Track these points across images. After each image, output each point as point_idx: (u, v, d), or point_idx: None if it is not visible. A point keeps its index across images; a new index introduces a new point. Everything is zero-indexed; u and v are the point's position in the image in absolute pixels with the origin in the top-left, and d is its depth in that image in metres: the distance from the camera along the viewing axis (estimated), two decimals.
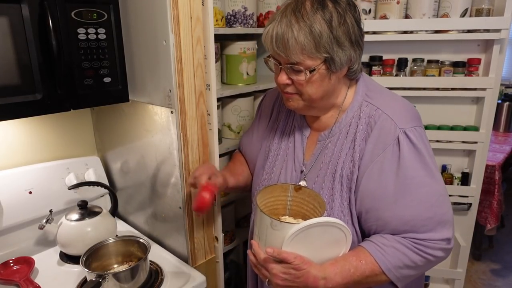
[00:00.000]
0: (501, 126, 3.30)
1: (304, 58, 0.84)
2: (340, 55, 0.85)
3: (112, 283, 0.99)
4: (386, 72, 1.78)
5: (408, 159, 0.84)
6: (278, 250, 0.83)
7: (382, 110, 0.89)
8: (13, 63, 0.92)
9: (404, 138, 0.85)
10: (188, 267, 1.19)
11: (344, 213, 0.91)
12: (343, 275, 0.84)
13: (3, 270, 1.12)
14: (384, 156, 0.86)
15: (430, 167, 0.85)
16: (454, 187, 1.83)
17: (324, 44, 0.83)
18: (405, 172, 0.84)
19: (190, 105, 1.11)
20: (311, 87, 0.88)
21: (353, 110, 0.93)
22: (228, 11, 1.42)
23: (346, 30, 0.85)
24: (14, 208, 1.20)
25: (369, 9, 1.70)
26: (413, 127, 0.87)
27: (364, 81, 0.97)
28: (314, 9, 0.83)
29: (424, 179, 0.85)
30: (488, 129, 1.72)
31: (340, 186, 0.92)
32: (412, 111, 0.92)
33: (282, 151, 1.06)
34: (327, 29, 0.82)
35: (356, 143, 0.90)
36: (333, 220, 0.82)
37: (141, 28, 1.12)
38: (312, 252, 0.84)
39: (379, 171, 0.86)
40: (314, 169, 0.97)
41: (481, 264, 2.72)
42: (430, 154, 0.87)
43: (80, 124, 1.47)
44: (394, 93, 0.98)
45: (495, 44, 1.60)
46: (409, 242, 0.84)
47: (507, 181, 3.33)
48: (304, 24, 0.82)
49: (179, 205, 1.19)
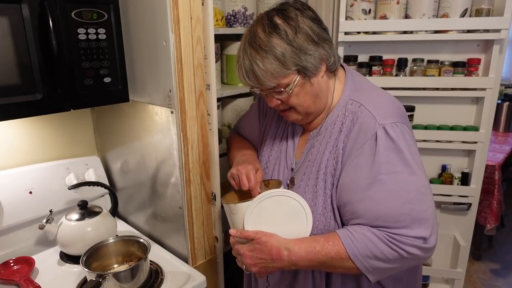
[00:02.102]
0: (501, 126, 3.31)
1: (278, 81, 0.88)
2: (310, 60, 0.87)
3: (112, 283, 0.99)
4: (386, 72, 1.78)
5: (384, 154, 0.84)
6: (241, 230, 0.91)
7: (365, 106, 0.90)
8: (13, 63, 0.92)
9: (383, 133, 0.85)
10: (188, 267, 1.19)
11: (327, 209, 0.92)
12: (308, 251, 0.86)
13: (3, 270, 1.12)
14: (362, 150, 0.87)
15: (409, 164, 0.84)
16: (454, 187, 1.83)
17: (291, 60, 0.86)
18: (380, 167, 0.84)
19: (190, 105, 1.11)
20: (299, 99, 0.91)
21: (339, 109, 0.95)
22: (228, 11, 1.42)
23: (305, 35, 0.86)
24: (14, 208, 1.20)
25: (369, 9, 1.70)
26: (394, 123, 0.86)
27: (352, 79, 0.98)
28: (268, 34, 0.86)
29: (401, 175, 0.84)
30: (488, 129, 1.72)
31: (323, 183, 0.93)
32: (396, 107, 0.92)
33: (275, 148, 1.09)
34: (286, 45, 0.85)
35: (340, 140, 0.92)
36: (281, 190, 0.89)
37: (141, 28, 1.12)
38: (275, 227, 0.89)
39: (355, 166, 0.87)
40: (302, 167, 1.00)
41: (481, 264, 2.73)
42: (411, 151, 0.86)
43: (80, 124, 1.47)
44: (381, 90, 0.98)
45: (495, 44, 1.60)
46: (382, 233, 0.83)
47: (507, 181, 3.33)
48: (264, 53, 0.85)
49: (179, 205, 1.19)
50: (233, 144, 1.25)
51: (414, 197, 0.84)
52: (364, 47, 1.81)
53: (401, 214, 0.83)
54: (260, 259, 0.89)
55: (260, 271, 0.92)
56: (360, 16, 1.71)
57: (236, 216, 0.92)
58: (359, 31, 1.72)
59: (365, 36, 1.73)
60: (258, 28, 0.88)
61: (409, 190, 0.84)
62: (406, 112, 0.95)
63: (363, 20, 1.71)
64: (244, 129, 1.27)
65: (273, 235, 0.89)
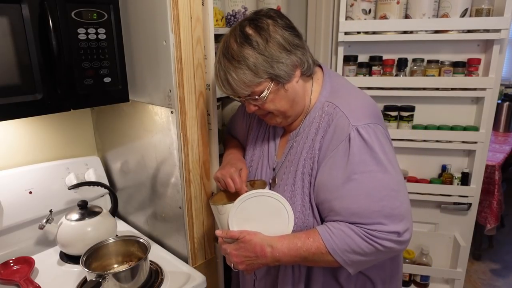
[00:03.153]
0: (501, 126, 3.31)
1: (252, 89, 0.91)
2: (283, 68, 0.89)
3: (112, 283, 0.99)
4: (386, 72, 1.78)
5: (358, 155, 0.87)
6: (226, 230, 0.95)
7: (339, 108, 0.93)
8: (13, 63, 0.92)
9: (356, 135, 0.88)
10: (188, 267, 1.19)
11: (305, 207, 0.96)
12: (290, 247, 0.90)
13: (3, 270, 1.12)
14: (337, 151, 0.90)
15: (382, 163, 0.88)
16: (454, 187, 1.83)
17: (262, 68, 0.88)
18: (353, 167, 0.88)
19: (190, 105, 1.11)
20: (275, 104, 0.94)
21: (316, 111, 0.97)
22: (228, 11, 1.42)
23: (276, 44, 0.89)
24: (14, 208, 1.20)
25: (369, 9, 1.70)
26: (366, 124, 0.89)
27: (330, 81, 1.00)
28: (239, 45, 0.88)
29: (374, 174, 0.87)
30: (488, 129, 1.72)
31: (301, 182, 0.97)
32: (371, 108, 0.95)
33: (258, 149, 1.13)
34: (258, 55, 0.88)
35: (316, 141, 0.95)
36: (263, 191, 0.93)
37: (141, 28, 1.12)
38: (259, 225, 0.93)
39: (331, 165, 0.91)
40: (283, 167, 1.03)
41: (481, 264, 2.73)
42: (384, 150, 0.89)
43: (80, 124, 1.47)
44: (358, 90, 1.01)
45: (495, 44, 1.60)
46: (359, 229, 0.87)
47: (507, 181, 3.33)
48: (236, 63, 0.89)
49: (179, 205, 1.19)
50: (225, 144, 1.31)
51: (387, 195, 0.87)
52: (364, 47, 1.81)
53: (374, 211, 0.86)
54: (246, 257, 0.93)
55: (247, 268, 0.95)
56: (360, 16, 1.71)
57: (223, 216, 0.95)
58: (359, 31, 1.72)
59: (365, 36, 1.73)
60: (231, 39, 0.91)
61: (381, 188, 0.87)
62: (381, 112, 0.98)
63: (363, 20, 1.71)
64: (233, 129, 1.30)
65: (257, 233, 0.93)
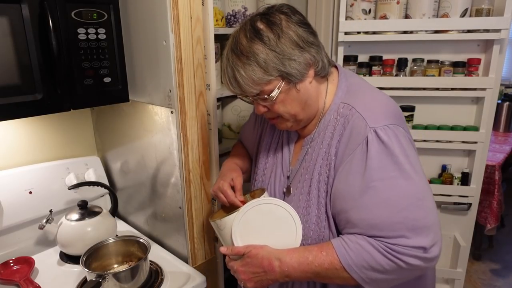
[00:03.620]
0: (501, 126, 3.31)
1: (261, 87, 0.85)
2: (294, 66, 0.84)
3: (112, 283, 0.99)
4: (386, 72, 1.78)
5: (377, 159, 0.79)
6: (231, 247, 0.88)
7: (355, 109, 0.86)
8: (13, 63, 0.92)
9: (374, 137, 0.80)
10: (188, 267, 1.19)
11: (321, 218, 0.88)
12: (300, 261, 0.83)
13: (3, 270, 1.12)
14: (354, 156, 0.83)
15: (404, 169, 0.79)
16: (454, 187, 1.83)
17: (272, 65, 0.82)
18: (372, 173, 0.79)
19: (190, 105, 1.11)
20: (285, 106, 0.88)
21: (331, 113, 0.91)
22: (228, 11, 1.42)
23: (289, 40, 0.83)
24: (14, 208, 1.20)
25: (369, 9, 1.70)
26: (386, 126, 0.81)
27: (345, 81, 0.93)
28: (249, 40, 0.83)
29: (395, 181, 0.79)
30: (488, 129, 1.72)
31: (317, 191, 0.89)
32: (390, 108, 0.87)
33: (271, 156, 1.06)
34: (269, 51, 0.82)
35: (332, 146, 0.88)
36: (264, 199, 0.86)
37: (141, 28, 1.12)
38: (264, 237, 0.87)
39: (347, 172, 0.83)
40: (298, 175, 0.96)
41: (481, 264, 2.72)
42: (406, 154, 0.80)
43: (80, 124, 1.47)
44: (376, 90, 0.93)
45: (495, 44, 1.60)
46: (378, 243, 0.79)
47: (507, 181, 3.33)
48: (245, 59, 0.83)
49: (179, 205, 1.19)
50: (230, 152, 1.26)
51: (410, 204, 0.78)
52: (364, 47, 1.81)
53: (396, 222, 0.78)
54: (254, 273, 0.87)
55: (256, 285, 0.89)
56: (360, 16, 1.71)
57: (224, 232, 0.89)
58: (359, 31, 1.72)
59: (365, 36, 1.72)
60: (241, 34, 0.85)
61: (403, 196, 0.79)
62: (402, 113, 0.91)
63: (363, 20, 1.71)
64: (243, 137, 1.24)
65: (264, 247, 0.86)
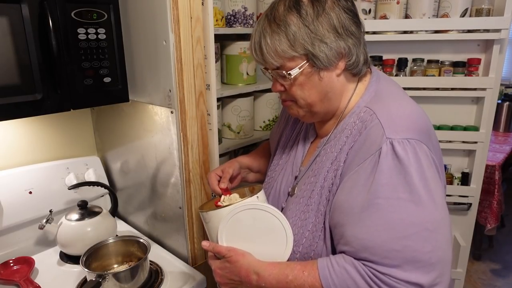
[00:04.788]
0: (501, 126, 3.30)
1: (283, 61, 0.78)
2: (324, 49, 0.76)
3: (112, 283, 0.99)
4: (386, 72, 1.77)
5: (387, 175, 0.70)
6: (214, 244, 0.83)
7: (376, 115, 0.77)
8: (13, 63, 0.92)
9: (389, 149, 0.71)
10: (188, 267, 1.19)
11: (317, 227, 0.81)
12: (279, 279, 0.77)
13: (3, 270, 1.12)
14: (363, 166, 0.74)
15: (417, 192, 0.69)
16: (454, 187, 1.83)
17: (300, 42, 0.76)
18: (378, 189, 0.71)
19: (190, 105, 1.11)
20: (302, 91, 0.81)
21: (352, 116, 0.83)
22: (228, 11, 1.42)
23: (327, 21, 0.76)
24: (14, 208, 1.20)
25: (369, 9, 1.70)
26: (406, 139, 0.71)
27: (376, 84, 0.85)
28: (287, 9, 0.77)
29: (403, 203, 0.69)
30: (488, 129, 1.72)
31: (318, 197, 0.82)
32: (417, 121, 0.77)
33: (286, 153, 1.01)
34: (301, 25, 0.76)
35: (343, 151, 0.80)
36: (259, 204, 0.79)
37: (141, 28, 1.12)
38: (251, 244, 0.80)
39: (352, 183, 0.75)
40: (305, 176, 0.90)
41: (481, 264, 2.72)
42: (424, 177, 0.70)
43: (80, 124, 1.47)
44: (407, 99, 0.84)
45: (495, 44, 1.60)
46: (366, 269, 0.71)
47: (507, 181, 3.33)
48: (275, 26, 0.77)
49: (179, 205, 1.19)
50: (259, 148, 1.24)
51: (415, 233, 0.69)
52: None
53: (393, 249, 0.69)
54: (229, 279, 0.82)
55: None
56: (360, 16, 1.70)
57: (209, 225, 0.84)
58: None
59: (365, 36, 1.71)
60: (281, 1, 0.79)
61: (409, 223, 0.69)
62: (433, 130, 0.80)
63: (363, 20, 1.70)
64: (270, 134, 1.19)
65: (246, 255, 0.80)
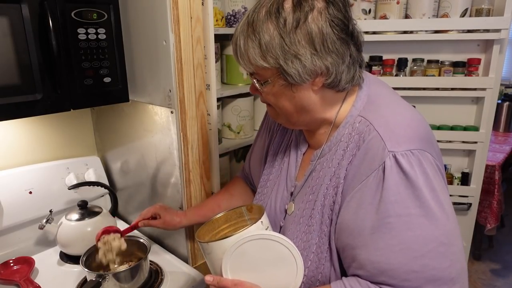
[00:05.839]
0: (501, 126, 3.30)
1: (256, 69, 0.74)
2: (297, 66, 0.70)
3: (112, 283, 0.99)
4: (386, 72, 1.78)
5: (394, 191, 0.66)
6: (218, 277, 0.75)
7: (374, 126, 0.72)
8: (13, 63, 0.92)
9: (393, 164, 0.67)
10: (188, 267, 1.19)
11: (322, 248, 0.77)
12: None
13: (3, 270, 1.12)
14: (366, 184, 0.70)
15: (428, 205, 0.66)
16: (454, 187, 1.83)
17: (273, 54, 0.70)
18: (388, 207, 0.67)
19: (190, 105, 1.11)
20: (276, 100, 0.77)
21: (346, 127, 0.77)
22: (228, 11, 1.42)
23: (306, 34, 0.69)
24: (14, 208, 1.20)
25: (369, 9, 1.70)
26: (409, 151, 0.67)
27: (368, 89, 0.79)
28: (266, 15, 0.71)
29: (416, 219, 0.66)
30: (488, 129, 1.72)
31: (320, 216, 0.77)
32: (417, 129, 0.73)
33: (277, 166, 0.93)
34: (277, 35, 0.69)
35: (342, 166, 0.75)
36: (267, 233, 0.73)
37: (141, 28, 1.12)
38: (259, 276, 0.74)
39: (358, 202, 0.71)
40: (302, 192, 0.84)
41: (481, 264, 2.72)
42: (432, 188, 0.67)
43: (80, 124, 1.47)
44: (403, 104, 0.79)
45: (495, 44, 1.60)
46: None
47: (507, 181, 3.32)
48: (251, 31, 0.72)
49: (179, 205, 1.19)
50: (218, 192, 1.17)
51: (432, 250, 0.65)
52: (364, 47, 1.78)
53: (412, 271, 0.65)
54: None
55: None
56: (360, 16, 1.71)
57: (211, 256, 0.76)
58: None
59: (365, 36, 1.69)
60: (267, 3, 0.73)
61: (424, 239, 0.66)
62: (432, 134, 0.76)
63: (363, 20, 1.71)
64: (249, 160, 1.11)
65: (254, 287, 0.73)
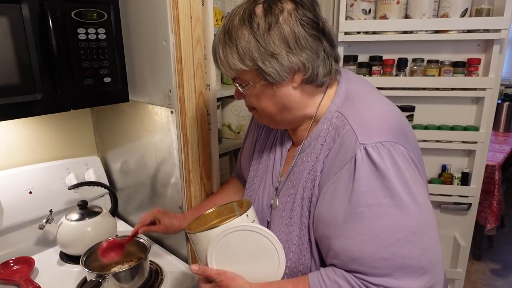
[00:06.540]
0: (501, 126, 3.31)
1: (236, 73, 0.78)
2: (274, 65, 0.74)
3: (112, 283, 0.99)
4: (386, 72, 1.78)
5: (365, 182, 0.69)
6: (203, 267, 0.78)
7: (348, 120, 0.75)
8: (13, 63, 0.92)
9: (364, 155, 0.69)
10: (188, 267, 1.19)
11: (302, 240, 0.80)
12: None
13: (3, 270, 1.12)
14: (340, 176, 0.72)
15: (398, 195, 0.67)
16: (454, 187, 1.83)
17: (250, 56, 0.74)
18: (359, 197, 0.69)
19: (190, 105, 1.11)
20: (259, 102, 0.81)
21: (325, 122, 0.80)
22: (228, 11, 1.42)
23: (279, 34, 0.73)
24: (14, 208, 1.20)
25: (369, 9, 1.70)
26: (379, 143, 0.69)
27: (346, 85, 0.82)
28: (240, 22, 0.75)
29: (386, 209, 0.68)
30: (488, 129, 1.72)
31: (300, 209, 0.81)
32: (391, 122, 0.74)
33: (263, 163, 0.97)
34: (252, 39, 0.74)
35: (319, 160, 0.78)
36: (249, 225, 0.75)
37: (141, 28, 1.12)
38: (242, 266, 0.77)
39: (332, 194, 0.73)
40: (285, 188, 0.87)
41: (481, 264, 2.72)
42: (403, 179, 0.68)
43: (80, 124, 1.47)
44: (379, 99, 0.81)
45: (495, 44, 1.60)
46: (357, 281, 0.70)
47: (507, 181, 3.32)
48: (228, 39, 0.76)
49: (179, 205, 1.19)
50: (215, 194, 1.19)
51: (401, 239, 0.67)
52: (364, 47, 1.81)
53: (381, 258, 0.67)
54: None
55: None
56: (360, 16, 1.71)
57: (198, 247, 0.80)
58: (359, 31, 1.72)
59: (365, 36, 1.72)
60: (240, 12, 0.77)
61: (394, 228, 0.67)
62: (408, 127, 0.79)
63: (363, 20, 1.71)
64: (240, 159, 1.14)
65: (236, 278, 0.76)
